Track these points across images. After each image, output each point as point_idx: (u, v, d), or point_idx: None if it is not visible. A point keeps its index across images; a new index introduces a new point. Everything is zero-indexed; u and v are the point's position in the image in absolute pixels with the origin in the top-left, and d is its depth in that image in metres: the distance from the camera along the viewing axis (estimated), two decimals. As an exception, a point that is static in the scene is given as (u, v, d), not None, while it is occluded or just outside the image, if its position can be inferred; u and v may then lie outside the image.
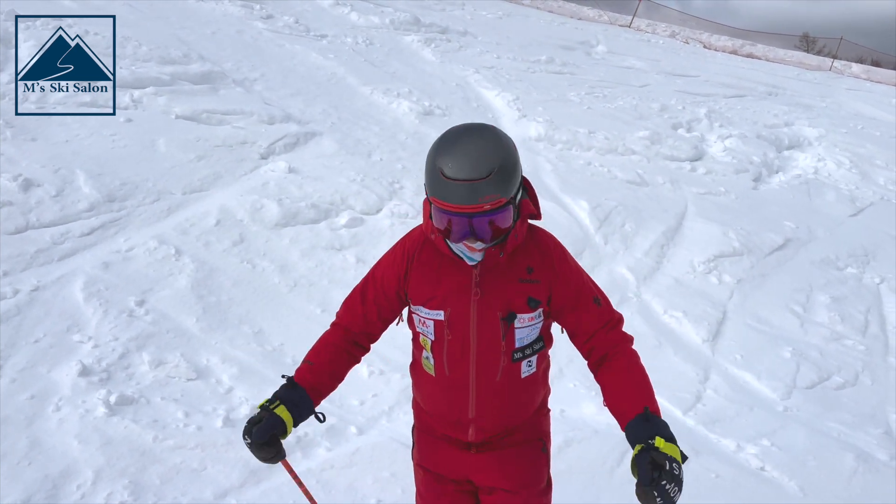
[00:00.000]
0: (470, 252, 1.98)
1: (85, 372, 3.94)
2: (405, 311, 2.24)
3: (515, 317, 2.05)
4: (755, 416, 4.79)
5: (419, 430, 2.32)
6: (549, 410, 2.33)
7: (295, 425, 2.14)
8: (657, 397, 2.12)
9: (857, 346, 6.10)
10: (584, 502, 3.64)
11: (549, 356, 2.25)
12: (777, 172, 10.61)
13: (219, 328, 4.68)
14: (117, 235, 5.35)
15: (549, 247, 2.12)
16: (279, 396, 2.13)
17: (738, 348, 5.73)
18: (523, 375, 2.13)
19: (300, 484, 2.28)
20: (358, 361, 2.30)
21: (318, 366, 2.21)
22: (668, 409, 4.72)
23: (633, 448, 1.95)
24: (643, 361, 2.14)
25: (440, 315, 2.08)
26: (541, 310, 2.09)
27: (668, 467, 1.83)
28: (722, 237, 7.49)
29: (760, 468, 4.18)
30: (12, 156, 5.78)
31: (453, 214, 1.88)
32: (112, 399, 3.79)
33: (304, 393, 2.16)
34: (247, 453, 3.60)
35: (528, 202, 2.06)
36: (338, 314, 2.28)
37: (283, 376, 2.20)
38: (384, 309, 2.20)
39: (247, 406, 4.00)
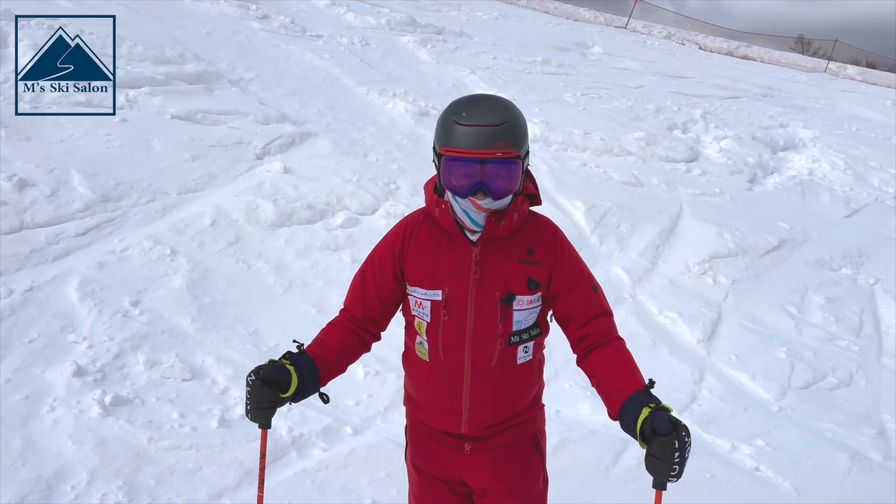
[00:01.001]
0: (476, 210, 1.99)
1: (79, 372, 3.93)
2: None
3: (514, 298, 2.05)
4: (750, 417, 4.80)
5: (412, 431, 2.29)
6: (543, 406, 2.31)
7: (296, 394, 2.05)
8: (652, 396, 2.11)
9: (852, 347, 6.12)
10: (579, 502, 3.64)
11: (544, 346, 2.23)
12: (772, 174, 10.64)
13: (214, 328, 4.67)
14: (112, 235, 5.34)
15: (550, 230, 2.16)
16: (290, 357, 2.07)
17: (732, 349, 5.74)
18: (519, 362, 2.11)
19: (262, 468, 2.21)
20: (367, 347, 2.27)
21: (329, 343, 2.17)
22: (663, 409, 4.73)
23: (637, 413, 1.91)
24: (637, 360, 2.14)
25: (437, 295, 2.07)
26: (540, 293, 2.09)
27: (682, 430, 1.83)
28: (717, 238, 7.51)
29: (755, 468, 4.20)
30: (7, 155, 5.76)
31: (466, 161, 1.91)
32: (107, 399, 3.78)
33: (312, 363, 2.10)
34: (242, 453, 3.63)
35: (528, 185, 2.11)
36: (344, 300, 2.27)
37: (294, 341, 2.15)
38: (382, 290, 2.17)
39: (242, 406, 3.99)
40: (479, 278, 2.04)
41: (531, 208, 2.14)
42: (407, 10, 15.37)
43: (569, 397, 4.67)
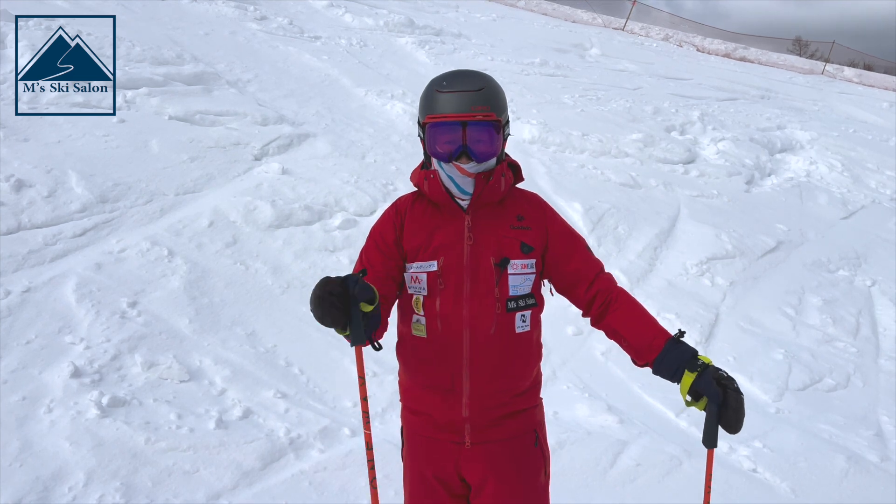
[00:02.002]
0: (461, 175, 2.06)
1: (77, 373, 3.92)
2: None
3: (509, 262, 2.10)
4: (747, 418, 4.70)
5: (410, 433, 2.29)
6: (542, 400, 2.31)
7: (371, 319, 1.87)
8: (649, 399, 2.14)
9: (849, 349, 6.13)
10: (577, 503, 3.65)
11: (541, 324, 2.25)
12: (769, 175, 10.66)
13: (211, 330, 4.67)
14: (109, 236, 5.33)
15: (537, 199, 2.28)
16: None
17: (730, 350, 5.75)
18: (517, 331, 2.12)
19: (364, 397, 2.03)
20: (386, 325, 2.13)
21: (373, 280, 2.03)
22: (661, 410, 4.73)
23: (676, 368, 2.07)
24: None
25: (433, 266, 2.10)
26: (534, 260, 2.14)
27: (734, 384, 2.05)
28: (714, 239, 7.52)
29: (752, 469, 4.20)
30: (4, 156, 5.75)
31: (446, 125, 2.02)
32: (104, 401, 3.77)
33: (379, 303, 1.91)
34: (240, 455, 3.63)
35: (512, 159, 2.22)
36: None
37: (360, 273, 1.88)
38: (391, 267, 2.14)
39: (239, 408, 4.00)
40: (473, 244, 2.10)
41: (518, 186, 2.23)
42: (405, 12, 15.38)
43: (566, 399, 4.68)
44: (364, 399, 2.09)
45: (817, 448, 4.51)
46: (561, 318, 5.60)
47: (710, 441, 2.07)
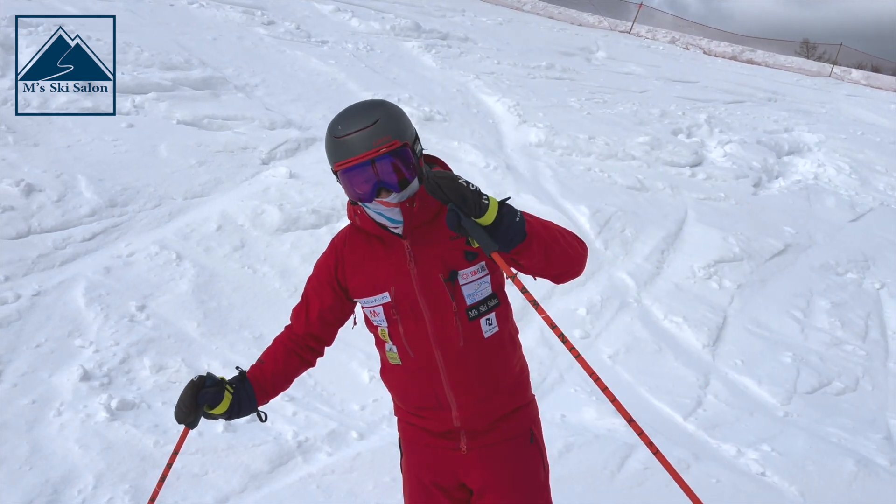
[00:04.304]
0: (388, 209, 2.02)
1: (86, 377, 3.95)
2: (359, 311, 2.28)
3: (458, 274, 2.08)
4: (755, 422, 4.79)
5: (406, 441, 2.30)
6: (533, 397, 2.31)
7: (230, 415, 2.24)
8: (657, 402, 2.12)
9: (858, 352, 6.10)
10: (584, 507, 3.64)
11: (511, 319, 2.22)
12: (777, 178, 10.63)
13: (219, 333, 4.69)
14: (118, 240, 5.37)
15: None
16: (235, 385, 2.25)
17: (738, 353, 5.73)
18: (486, 335, 2.12)
19: (174, 454, 2.41)
20: (311, 364, 2.42)
21: (268, 366, 2.33)
22: (669, 414, 4.72)
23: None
24: (643, 365, 2.14)
25: (386, 297, 2.12)
26: (482, 262, 2.11)
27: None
28: (722, 242, 7.51)
29: (761, 473, 4.19)
30: (14, 161, 5.79)
31: (356, 168, 1.97)
32: (113, 404, 3.79)
33: (251, 391, 2.27)
34: (248, 458, 3.65)
35: (437, 167, 2.13)
36: (290, 316, 2.43)
37: (236, 368, 2.32)
38: (322, 309, 2.27)
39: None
40: (418, 267, 2.09)
41: None
42: (412, 16, 15.41)
43: (574, 402, 4.67)
44: (169, 465, 2.44)
45: (826, 451, 4.50)
46: (567, 322, 5.59)
47: (487, 244, 1.83)
